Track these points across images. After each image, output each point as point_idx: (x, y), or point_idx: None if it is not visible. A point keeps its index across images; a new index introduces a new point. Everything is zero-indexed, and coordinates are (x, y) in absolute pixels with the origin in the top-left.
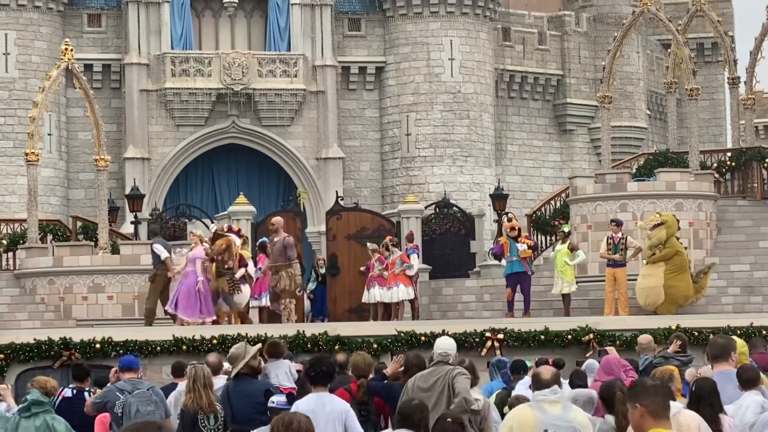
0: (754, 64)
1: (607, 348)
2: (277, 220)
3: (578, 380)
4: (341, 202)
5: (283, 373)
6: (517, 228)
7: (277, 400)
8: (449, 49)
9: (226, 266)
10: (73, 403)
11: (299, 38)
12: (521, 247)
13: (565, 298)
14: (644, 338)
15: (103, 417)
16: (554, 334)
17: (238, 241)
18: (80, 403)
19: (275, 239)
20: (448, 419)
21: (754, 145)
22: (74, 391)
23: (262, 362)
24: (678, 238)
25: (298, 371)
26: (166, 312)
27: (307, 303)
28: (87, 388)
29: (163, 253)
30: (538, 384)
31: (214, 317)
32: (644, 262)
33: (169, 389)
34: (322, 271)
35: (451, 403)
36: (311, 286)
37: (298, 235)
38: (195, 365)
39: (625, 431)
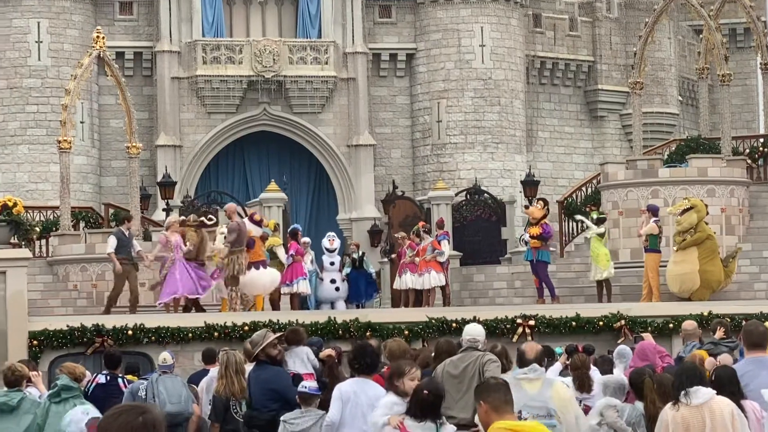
0: None
1: (643, 334)
2: (229, 206)
3: (605, 366)
4: (397, 191)
5: (300, 360)
6: (533, 216)
7: (308, 385)
8: (480, 36)
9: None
10: (107, 389)
11: (330, 25)
12: (525, 236)
13: (600, 284)
14: (689, 324)
15: None
16: (585, 321)
17: (256, 230)
18: (114, 389)
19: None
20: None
21: None
22: (108, 378)
23: (282, 350)
24: (707, 223)
25: (329, 356)
26: (165, 304)
27: (306, 288)
28: (120, 375)
29: (108, 248)
30: (521, 362)
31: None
32: (674, 248)
33: (200, 375)
34: (355, 256)
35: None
36: (346, 270)
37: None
38: (227, 351)
39: (655, 417)
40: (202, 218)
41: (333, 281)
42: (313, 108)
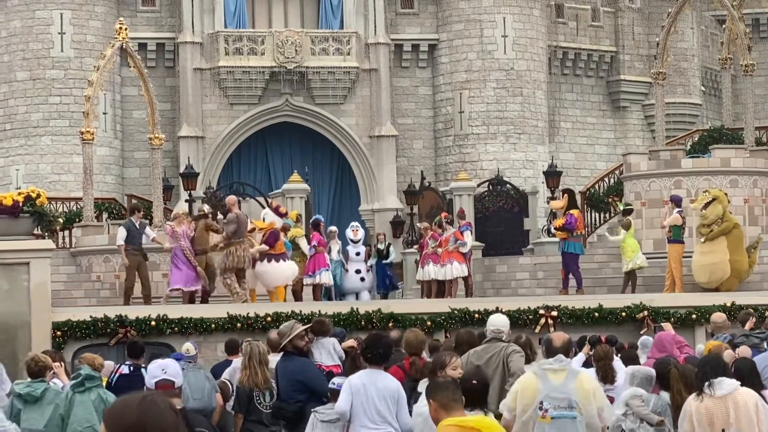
0: None
1: (663, 324)
2: (230, 198)
3: (630, 358)
4: (425, 182)
5: (326, 351)
6: (554, 208)
7: (338, 382)
8: (502, 26)
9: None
10: (131, 380)
11: (352, 16)
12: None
13: (627, 275)
14: (718, 317)
15: None
16: (608, 312)
17: (279, 221)
18: (137, 380)
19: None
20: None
21: None
22: (131, 368)
23: (309, 342)
24: (731, 212)
25: (352, 347)
26: (170, 292)
27: (329, 279)
28: (143, 365)
29: (118, 239)
30: (548, 352)
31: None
32: (701, 239)
33: (223, 366)
34: (380, 246)
35: (505, 380)
36: (371, 261)
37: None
38: (251, 342)
39: (680, 407)
40: (211, 210)
41: (358, 271)
42: (335, 99)
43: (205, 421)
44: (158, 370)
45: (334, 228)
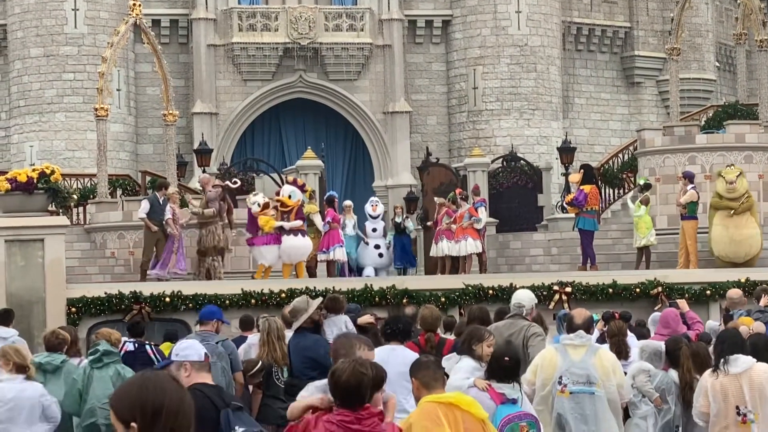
0: None
1: (678, 301)
2: (203, 177)
3: (641, 335)
4: (430, 158)
5: (338, 329)
6: (572, 181)
7: None
8: (516, 2)
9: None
10: (137, 357)
11: None
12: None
13: (639, 250)
14: (734, 292)
15: None
16: (622, 288)
17: (298, 195)
18: (143, 356)
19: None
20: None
21: None
22: (136, 345)
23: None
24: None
25: (370, 323)
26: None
27: (342, 255)
28: (147, 342)
29: (140, 212)
30: (569, 327)
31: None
32: (729, 213)
33: (237, 342)
34: (398, 220)
35: (526, 362)
36: (389, 236)
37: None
38: (267, 318)
39: (689, 384)
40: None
41: (377, 247)
42: (349, 75)
43: (233, 396)
44: (174, 353)
45: (348, 202)
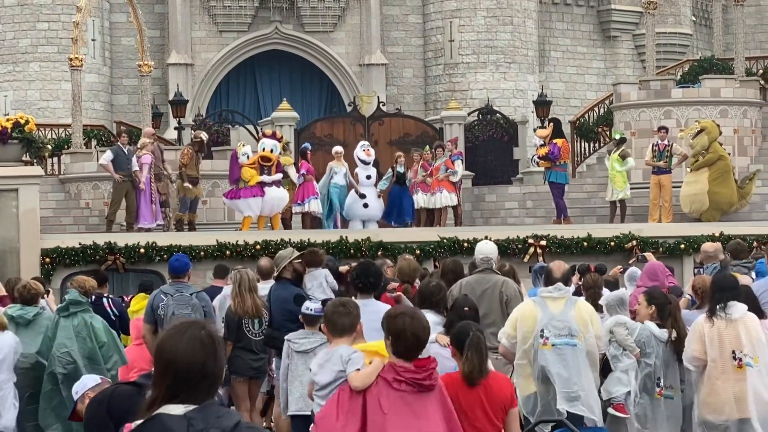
0: None
1: (646, 254)
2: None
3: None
4: (383, 108)
5: (318, 284)
6: (539, 136)
7: (313, 306)
8: None
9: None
10: (95, 308)
11: None
12: (535, 157)
13: (615, 204)
14: (710, 246)
15: (137, 320)
16: (597, 241)
17: (278, 148)
18: (99, 309)
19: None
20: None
21: None
22: (92, 297)
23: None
24: (721, 144)
25: (344, 273)
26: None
27: (318, 207)
28: (105, 294)
29: (102, 160)
30: (548, 280)
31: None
32: (688, 169)
33: (211, 292)
34: (400, 169)
35: (504, 315)
36: (381, 185)
37: (360, 140)
38: (239, 270)
39: (682, 339)
40: (200, 134)
41: (363, 196)
42: (325, 27)
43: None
44: (74, 392)
45: (339, 148)
